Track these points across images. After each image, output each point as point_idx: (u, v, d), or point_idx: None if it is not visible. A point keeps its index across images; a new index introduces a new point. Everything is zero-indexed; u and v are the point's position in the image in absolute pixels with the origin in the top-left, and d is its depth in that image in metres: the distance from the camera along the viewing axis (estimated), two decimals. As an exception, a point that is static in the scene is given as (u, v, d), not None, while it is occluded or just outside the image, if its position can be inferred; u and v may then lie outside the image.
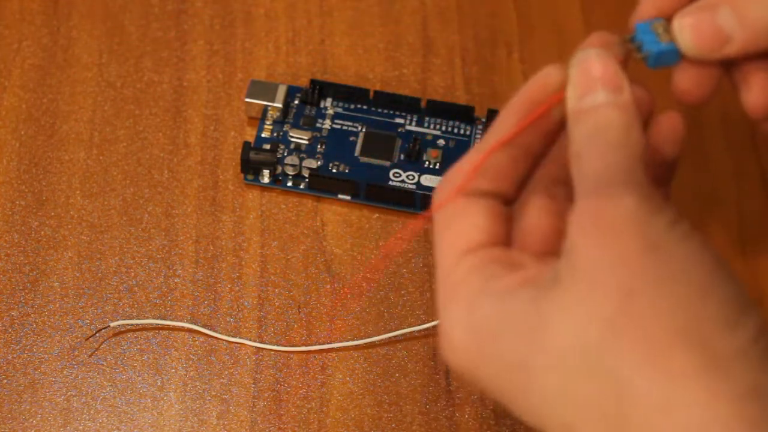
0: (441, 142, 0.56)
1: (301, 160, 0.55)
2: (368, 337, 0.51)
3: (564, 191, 0.36)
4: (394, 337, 0.51)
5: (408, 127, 0.56)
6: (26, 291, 0.52)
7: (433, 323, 0.51)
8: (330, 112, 0.57)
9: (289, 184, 0.55)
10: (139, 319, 0.51)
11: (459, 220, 0.35)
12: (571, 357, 0.30)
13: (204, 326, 0.51)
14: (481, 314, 0.33)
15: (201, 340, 0.51)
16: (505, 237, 0.36)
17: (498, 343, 0.32)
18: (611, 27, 0.61)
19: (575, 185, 0.33)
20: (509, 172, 0.36)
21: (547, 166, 0.37)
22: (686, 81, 0.38)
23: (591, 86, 0.35)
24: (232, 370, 0.50)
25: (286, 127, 0.56)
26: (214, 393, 0.49)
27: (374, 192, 0.54)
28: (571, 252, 0.32)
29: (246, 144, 0.54)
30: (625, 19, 0.61)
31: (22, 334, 0.51)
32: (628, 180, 0.32)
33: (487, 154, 0.36)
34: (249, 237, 0.53)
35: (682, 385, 0.28)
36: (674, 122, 0.37)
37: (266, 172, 0.54)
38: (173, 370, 0.50)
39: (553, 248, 0.35)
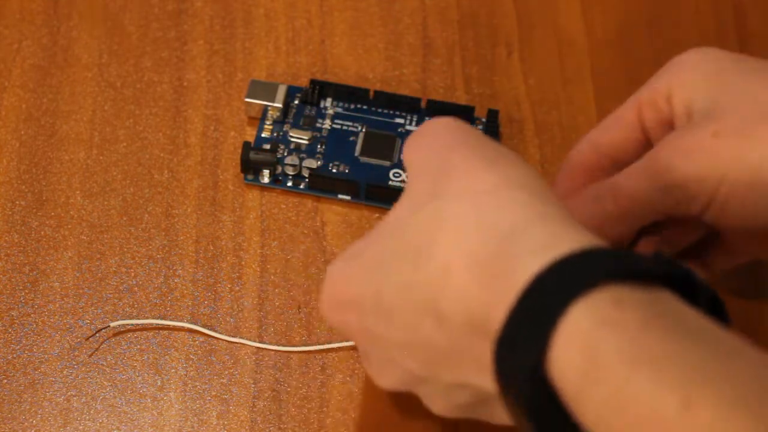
0: (441, 142, 0.56)
1: (301, 160, 0.55)
2: (368, 337, 0.50)
3: None
4: (394, 337, 0.51)
5: (408, 127, 0.56)
6: (26, 291, 0.52)
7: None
8: (330, 112, 0.57)
9: (289, 184, 0.55)
10: (139, 319, 0.51)
11: None
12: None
13: (204, 326, 0.51)
14: None
15: (201, 340, 0.51)
16: None
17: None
18: (611, 27, 0.61)
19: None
20: None
21: None
22: None
23: None
24: (232, 370, 0.50)
25: (286, 127, 0.56)
26: (214, 393, 0.49)
27: (374, 192, 0.54)
28: None
29: (246, 144, 0.54)
30: (624, 19, 0.61)
31: (22, 334, 0.51)
32: None
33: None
34: (249, 237, 0.53)
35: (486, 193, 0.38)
36: None
37: (266, 172, 0.54)
38: (173, 370, 0.50)
39: None
